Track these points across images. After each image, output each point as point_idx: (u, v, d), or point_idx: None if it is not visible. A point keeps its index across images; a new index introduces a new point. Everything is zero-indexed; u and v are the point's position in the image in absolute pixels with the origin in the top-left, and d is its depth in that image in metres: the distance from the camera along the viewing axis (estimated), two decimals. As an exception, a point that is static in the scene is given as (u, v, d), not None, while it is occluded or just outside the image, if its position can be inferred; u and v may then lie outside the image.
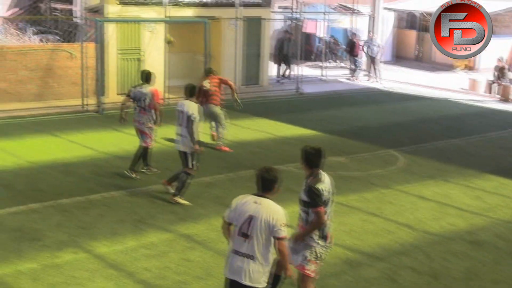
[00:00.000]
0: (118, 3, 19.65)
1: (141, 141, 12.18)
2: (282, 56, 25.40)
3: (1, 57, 17.88)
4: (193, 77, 22.10)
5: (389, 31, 32.67)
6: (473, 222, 10.79)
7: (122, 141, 14.70)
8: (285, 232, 6.19)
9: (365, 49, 26.45)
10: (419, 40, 33.97)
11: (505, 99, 23.36)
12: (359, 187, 12.33)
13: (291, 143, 15.21)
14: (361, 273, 8.65)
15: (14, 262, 8.36)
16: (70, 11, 25.54)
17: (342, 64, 30.75)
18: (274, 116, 18.32)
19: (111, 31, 19.44)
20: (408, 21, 34.92)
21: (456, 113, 20.55)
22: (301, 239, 6.99)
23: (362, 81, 26.43)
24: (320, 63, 28.19)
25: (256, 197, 6.35)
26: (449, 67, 31.33)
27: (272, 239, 6.19)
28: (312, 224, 6.93)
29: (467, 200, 11.88)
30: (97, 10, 20.03)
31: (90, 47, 18.66)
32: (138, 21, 19.78)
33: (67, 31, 24.72)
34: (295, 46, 25.09)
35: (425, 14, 32.97)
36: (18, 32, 24.06)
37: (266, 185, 6.35)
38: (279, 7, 33.45)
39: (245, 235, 6.18)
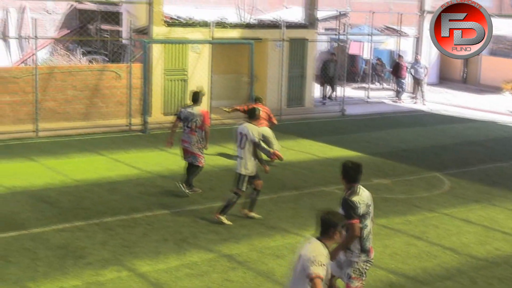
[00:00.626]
0: (165, 24, 19.95)
1: (194, 161, 12.28)
2: (327, 78, 25.39)
3: (50, 77, 18.27)
4: (237, 98, 22.31)
5: (435, 53, 32.38)
6: (520, 247, 10.58)
7: (167, 161, 14.85)
8: (317, 270, 5.69)
9: (412, 71, 26.29)
10: (466, 62, 33.60)
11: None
12: (404, 209, 12.20)
13: (335, 165, 15.09)
14: (404, 297, 8.54)
15: (59, 279, 8.48)
16: (118, 32, 26.02)
17: (387, 86, 30.59)
18: (317, 137, 18.29)
19: (157, 52, 19.74)
20: (455, 42, 34.56)
21: (502, 136, 20.22)
22: (337, 253, 6.88)
23: (407, 103, 26.24)
24: (364, 85, 28.10)
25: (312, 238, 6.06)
26: (496, 89, 30.89)
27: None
28: (346, 237, 6.71)
29: (514, 224, 11.66)
30: (144, 31, 20.36)
31: (137, 68, 18.96)
32: (184, 42, 20.02)
33: (115, 52, 25.21)
34: (340, 68, 25.08)
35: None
36: (68, 53, 24.62)
37: (322, 228, 5.98)
38: (325, 29, 33.51)
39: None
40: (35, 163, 14.20)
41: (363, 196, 6.97)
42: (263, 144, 11.07)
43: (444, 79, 32.99)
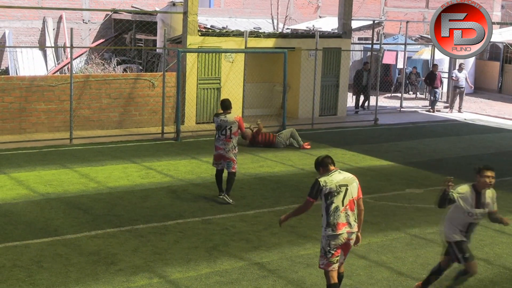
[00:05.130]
0: (199, 34, 20.10)
1: (228, 167, 12.38)
2: (360, 87, 25.31)
3: (86, 85, 18.52)
4: (270, 107, 22.36)
5: (470, 62, 32.09)
6: (556, 259, 10.39)
7: (198, 169, 14.93)
8: None
9: (461, 82, 26.03)
10: (502, 71, 33.23)
11: None
12: (436, 219, 12.00)
13: (367, 174, 15.06)
14: (436, 308, 8.44)
15: (90, 285, 8.56)
16: (153, 41, 26.29)
17: (421, 95, 30.36)
18: (350, 146, 18.22)
19: (191, 61, 19.89)
20: (491, 52, 34.26)
21: (539, 146, 19.90)
22: (286, 219, 8.29)
23: (442, 112, 26.01)
24: (398, 94, 27.92)
25: None
26: (532, 99, 30.48)
27: None
28: (297, 208, 8.23)
29: (549, 236, 11.46)
30: (178, 41, 20.55)
31: (171, 76, 19.12)
32: (217, 51, 20.15)
33: (150, 61, 25.45)
34: (373, 77, 24.99)
35: (509, 46, 32.24)
36: (102, 62, 24.94)
37: None
38: (359, 38, 33.45)
39: None
40: (69, 170, 14.37)
41: (334, 177, 7.87)
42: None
43: (479, 88, 32.66)
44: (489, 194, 8.41)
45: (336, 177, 7.88)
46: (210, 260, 9.58)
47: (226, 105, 12.45)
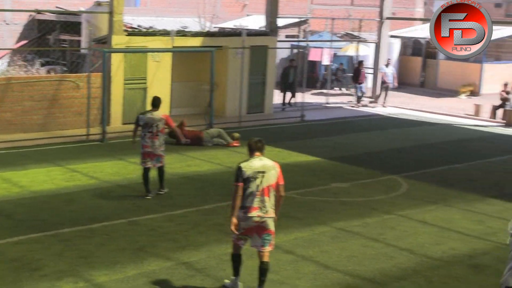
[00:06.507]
0: (125, 34, 19.88)
1: (157, 163, 12.61)
2: (287, 84, 25.52)
3: (7, 88, 18.06)
4: (197, 105, 22.32)
5: (394, 58, 32.80)
6: (474, 246, 10.75)
7: (125, 170, 14.78)
8: None
9: (381, 75, 26.57)
10: (424, 66, 34.11)
11: (508, 123, 23.34)
12: (361, 212, 12.32)
13: (294, 170, 15.23)
14: (361, 299, 8.63)
15: (13, 291, 8.39)
16: (78, 42, 25.84)
17: (347, 91, 30.87)
18: (277, 143, 18.36)
19: (117, 61, 19.65)
20: (414, 48, 35.14)
21: (459, 138, 20.54)
22: (232, 212, 8.31)
23: (367, 107, 26.51)
24: (325, 91, 28.31)
25: None
26: (453, 93, 31.40)
27: None
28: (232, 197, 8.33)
29: (469, 224, 11.85)
30: (104, 41, 20.26)
31: (96, 77, 18.85)
32: (143, 51, 19.98)
33: (74, 62, 25.00)
34: (300, 74, 25.24)
35: (430, 42, 33.09)
36: (26, 64, 24.35)
37: None
38: (286, 36, 33.70)
39: None
40: (-9, 176, 14.01)
41: (253, 164, 8.24)
42: None
43: (402, 83, 33.41)
44: None
45: (255, 164, 8.26)
46: (137, 262, 9.51)
47: (156, 103, 12.57)
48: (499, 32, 31.45)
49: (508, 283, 6.99)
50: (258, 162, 8.29)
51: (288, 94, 25.76)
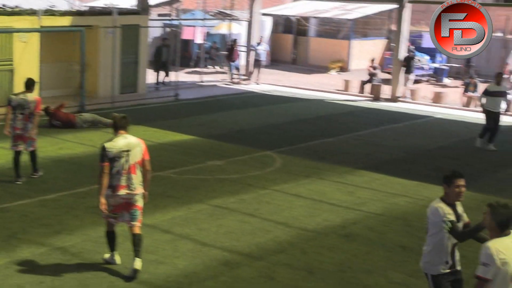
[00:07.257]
0: (-12, 13, 18.97)
1: (29, 147, 12.28)
2: (160, 63, 25.31)
3: None
4: (68, 87, 21.70)
5: (266, 36, 33.25)
6: (346, 216, 11.18)
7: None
8: None
9: (254, 53, 26.84)
10: (295, 44, 34.83)
11: (376, 97, 24.36)
12: (237, 189, 12.48)
13: (170, 149, 15.19)
14: (239, 273, 8.76)
15: None
16: None
17: (221, 70, 31.02)
18: (152, 123, 18.21)
19: (-21, 42, 18.73)
20: (285, 25, 35.76)
21: (330, 113, 21.20)
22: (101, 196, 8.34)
23: (241, 85, 26.77)
24: (198, 69, 28.32)
25: None
26: (323, 69, 32.30)
27: None
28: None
29: (340, 196, 12.29)
30: (-37, 21, 19.22)
31: (-44, 59, 17.89)
32: (8, 31, 19.14)
33: None
34: (173, 53, 25.10)
35: (301, 19, 33.84)
36: None
37: None
38: (158, 15, 33.34)
39: None
40: None
41: (117, 143, 8.28)
42: None
43: (275, 60, 33.99)
44: (459, 205, 6.88)
45: (120, 143, 8.31)
46: (9, 250, 9.18)
47: (30, 84, 12.24)
48: (366, 9, 32.64)
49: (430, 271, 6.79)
50: (123, 141, 8.34)
51: (162, 73, 25.57)
